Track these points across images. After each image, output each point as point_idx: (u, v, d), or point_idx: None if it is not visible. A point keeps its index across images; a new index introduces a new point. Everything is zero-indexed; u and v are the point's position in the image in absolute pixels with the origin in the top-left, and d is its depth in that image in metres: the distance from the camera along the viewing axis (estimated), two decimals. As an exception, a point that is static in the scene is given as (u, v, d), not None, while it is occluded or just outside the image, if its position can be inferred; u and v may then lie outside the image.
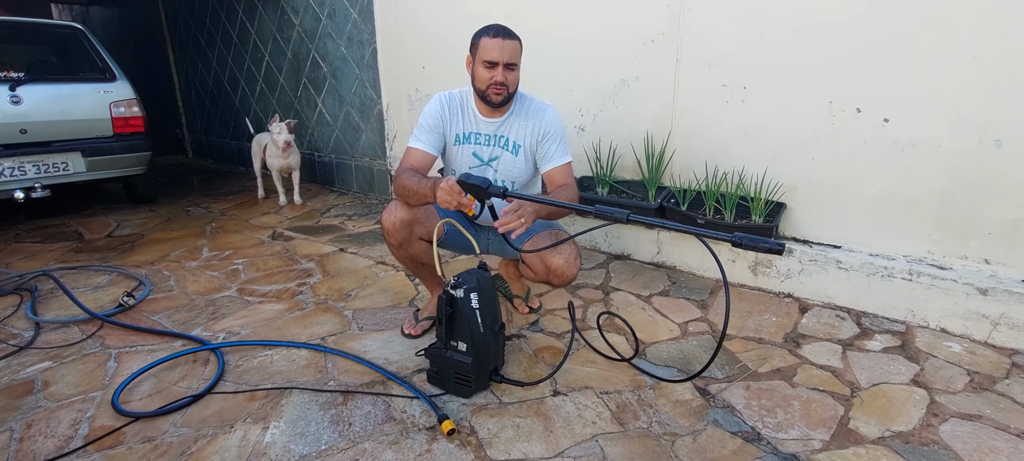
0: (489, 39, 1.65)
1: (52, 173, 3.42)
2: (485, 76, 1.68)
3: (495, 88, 1.68)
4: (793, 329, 2.00)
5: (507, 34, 1.67)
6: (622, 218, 1.33)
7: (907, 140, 1.95)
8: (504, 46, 1.65)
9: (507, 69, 1.67)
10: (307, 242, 3.17)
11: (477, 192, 1.48)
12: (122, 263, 2.84)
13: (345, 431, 1.46)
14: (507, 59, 1.66)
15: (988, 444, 1.38)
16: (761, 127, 2.27)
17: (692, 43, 2.38)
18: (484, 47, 1.66)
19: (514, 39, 1.68)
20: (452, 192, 1.50)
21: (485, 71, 1.67)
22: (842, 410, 1.53)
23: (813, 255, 2.17)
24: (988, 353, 1.80)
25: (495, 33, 1.66)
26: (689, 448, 1.39)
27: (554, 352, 1.87)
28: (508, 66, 1.67)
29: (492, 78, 1.66)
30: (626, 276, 2.51)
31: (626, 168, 2.72)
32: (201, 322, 2.14)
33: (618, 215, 1.34)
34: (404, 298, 2.33)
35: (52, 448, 1.42)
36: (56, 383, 1.72)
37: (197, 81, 6.26)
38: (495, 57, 1.65)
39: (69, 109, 3.47)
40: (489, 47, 1.65)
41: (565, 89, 2.84)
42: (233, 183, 5.06)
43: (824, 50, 2.05)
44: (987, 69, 1.77)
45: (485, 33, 1.67)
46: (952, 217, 1.93)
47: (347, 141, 4.43)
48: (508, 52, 1.65)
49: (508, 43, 1.66)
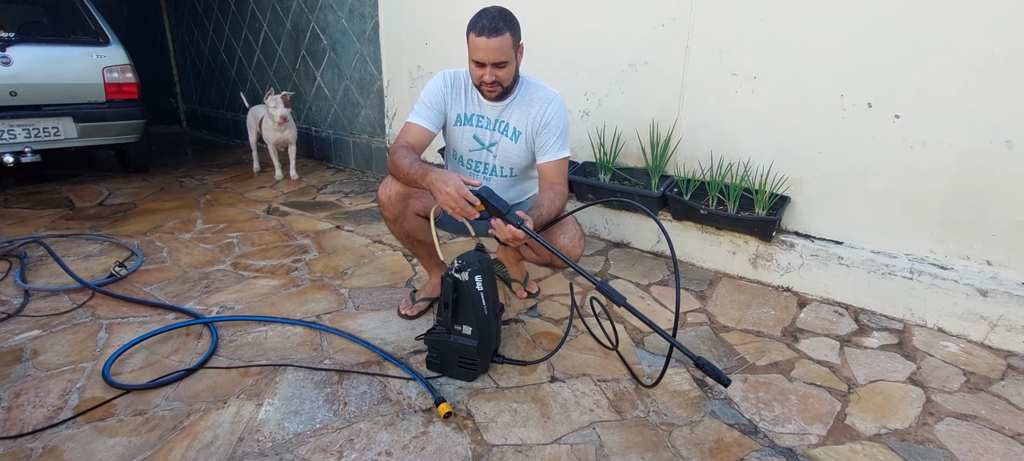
0: (475, 36, 1.53)
1: (42, 138, 3.34)
2: (475, 73, 1.61)
3: (486, 87, 1.62)
4: (791, 323, 1.99)
5: (492, 30, 1.51)
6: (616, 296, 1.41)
7: (917, 138, 1.93)
8: (489, 46, 1.52)
9: (496, 67, 1.57)
10: (303, 218, 3.13)
11: (492, 211, 1.44)
12: (114, 232, 2.79)
13: (340, 411, 1.45)
14: (493, 59, 1.54)
15: (983, 445, 1.39)
16: (769, 118, 2.23)
17: (703, 29, 2.33)
18: (472, 44, 1.55)
19: (500, 34, 1.51)
20: (460, 200, 1.42)
21: (475, 68, 1.60)
22: (839, 406, 1.53)
23: (814, 250, 2.16)
24: (985, 354, 1.81)
25: (480, 30, 1.51)
26: (686, 439, 1.38)
27: (552, 338, 1.86)
28: (496, 65, 1.57)
29: (482, 76, 1.59)
30: (626, 264, 2.50)
31: (630, 155, 2.68)
32: (194, 295, 2.11)
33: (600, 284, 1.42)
34: (401, 278, 2.31)
35: (41, 418, 1.39)
36: (45, 352, 1.69)
37: (193, 49, 6.13)
38: (481, 57, 1.55)
39: (60, 72, 3.38)
40: (475, 46, 1.54)
41: (571, 72, 2.78)
42: (228, 155, 4.99)
43: (837, 42, 2.01)
44: (1002, 68, 1.74)
45: (472, 27, 1.54)
46: (957, 217, 1.91)
47: (346, 117, 4.36)
48: (494, 52, 1.53)
49: (494, 41, 1.51)
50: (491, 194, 1.45)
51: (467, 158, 1.81)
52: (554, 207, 1.63)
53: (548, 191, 1.68)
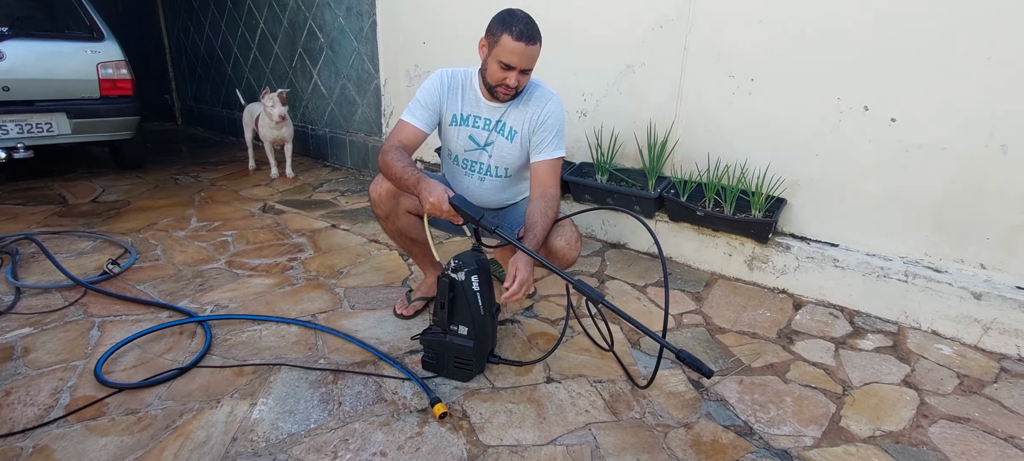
0: (512, 40, 1.49)
1: (36, 134, 3.31)
2: (498, 75, 1.57)
3: (504, 89, 1.60)
4: (787, 325, 2.00)
5: (531, 38, 1.51)
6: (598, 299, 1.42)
7: (913, 141, 1.93)
8: (526, 53, 1.51)
9: (522, 74, 1.57)
10: (298, 216, 3.11)
11: (466, 218, 1.47)
12: (107, 230, 2.77)
13: (335, 410, 1.44)
14: (525, 65, 1.54)
15: (976, 447, 1.39)
16: (766, 121, 2.24)
17: (701, 31, 2.33)
18: (504, 46, 1.51)
19: (537, 42, 1.53)
20: (440, 209, 1.45)
21: (499, 70, 1.56)
22: (834, 408, 1.53)
23: (810, 252, 2.17)
24: (978, 357, 1.82)
25: (519, 35, 1.49)
26: (682, 440, 1.38)
27: (548, 338, 1.85)
28: (523, 71, 1.56)
29: (505, 79, 1.57)
30: (622, 265, 2.50)
31: (627, 156, 2.68)
32: (188, 293, 2.09)
33: (594, 296, 1.43)
34: (397, 277, 2.30)
35: (32, 416, 1.38)
36: (37, 350, 1.67)
37: (188, 46, 6.09)
38: (514, 62, 1.53)
39: (54, 68, 3.35)
40: (510, 49, 1.50)
41: (569, 73, 2.78)
42: (223, 153, 4.96)
43: (835, 45, 2.02)
44: (998, 73, 1.75)
45: (508, 30, 1.50)
46: (952, 220, 1.92)
47: (342, 115, 4.34)
48: (529, 58, 1.53)
49: (531, 49, 1.52)
50: (463, 202, 1.46)
51: (462, 158, 1.81)
52: (547, 219, 1.61)
53: (539, 201, 1.64)
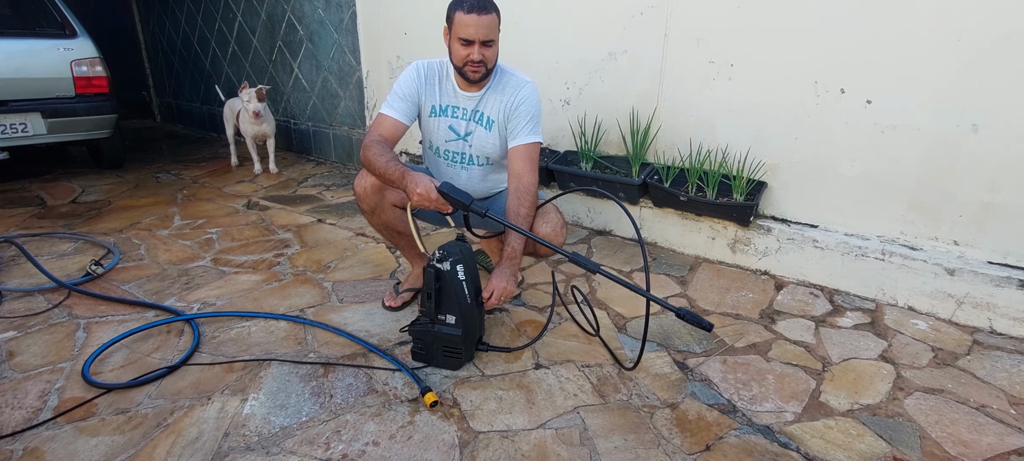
0: (463, 14, 1.53)
1: (10, 134, 3.23)
2: (461, 53, 1.59)
3: (472, 66, 1.61)
4: (769, 306, 2.04)
5: (483, 7, 1.53)
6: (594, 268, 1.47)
7: (888, 122, 1.98)
8: (480, 23, 1.53)
9: (484, 46, 1.57)
10: (284, 212, 3.09)
11: (456, 204, 1.49)
12: (89, 230, 2.73)
13: (326, 403, 1.45)
14: (483, 36, 1.55)
15: (949, 417, 1.45)
16: (746, 105, 2.27)
17: (681, 17, 2.35)
18: (459, 22, 1.55)
19: (490, 12, 1.55)
20: (429, 199, 1.48)
21: (461, 48, 1.58)
22: (814, 384, 1.58)
23: (791, 234, 2.22)
24: (952, 331, 1.88)
25: (470, 7, 1.52)
26: (668, 420, 1.42)
27: (536, 326, 1.88)
28: (485, 43, 1.57)
29: (468, 56, 1.58)
30: (608, 252, 2.53)
31: (611, 143, 2.70)
32: (174, 292, 2.08)
33: (590, 266, 1.47)
34: (385, 270, 2.31)
35: (20, 419, 1.37)
36: (22, 353, 1.65)
37: (164, 41, 5.97)
38: (471, 35, 1.55)
39: (26, 66, 3.27)
40: (464, 23, 1.53)
41: (552, 61, 2.79)
42: (205, 149, 4.89)
43: (811, 28, 2.05)
44: (970, 53, 1.79)
45: (459, 6, 1.55)
46: (926, 199, 1.98)
47: (325, 108, 4.30)
48: (484, 29, 1.54)
49: (484, 18, 1.53)
50: (452, 189, 1.49)
51: (444, 149, 1.81)
52: (525, 210, 1.64)
53: (512, 198, 1.66)
